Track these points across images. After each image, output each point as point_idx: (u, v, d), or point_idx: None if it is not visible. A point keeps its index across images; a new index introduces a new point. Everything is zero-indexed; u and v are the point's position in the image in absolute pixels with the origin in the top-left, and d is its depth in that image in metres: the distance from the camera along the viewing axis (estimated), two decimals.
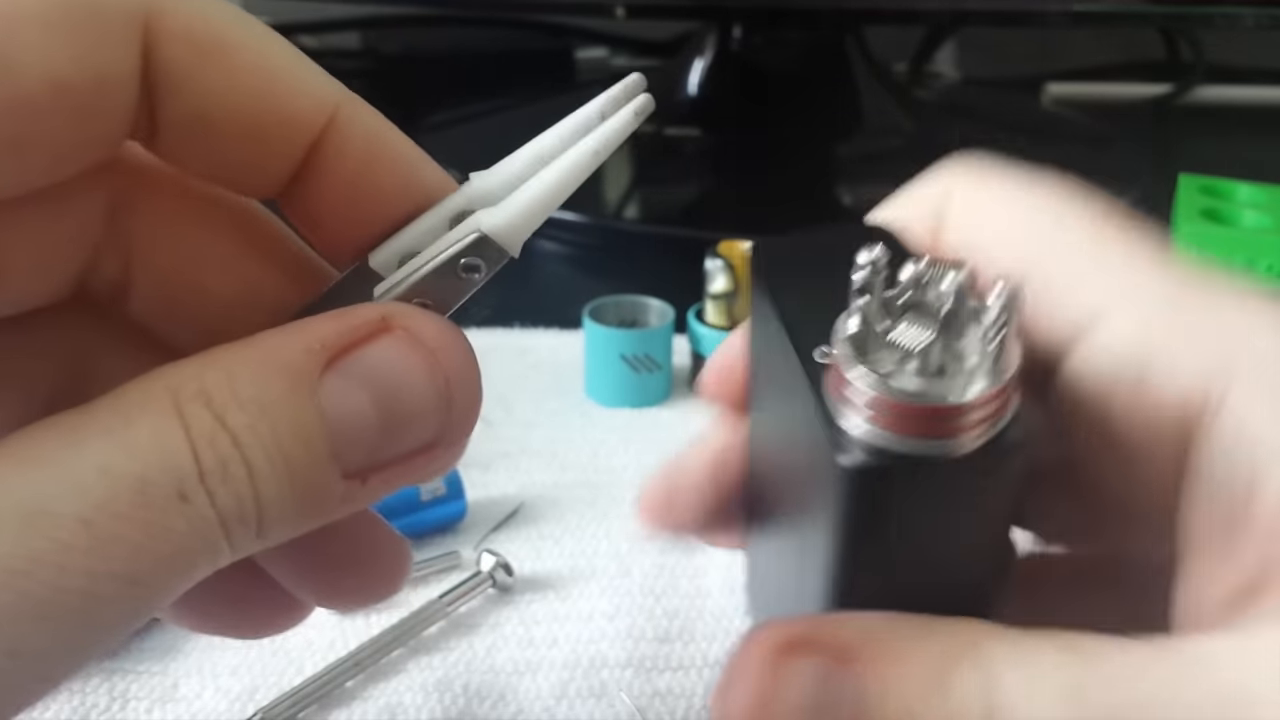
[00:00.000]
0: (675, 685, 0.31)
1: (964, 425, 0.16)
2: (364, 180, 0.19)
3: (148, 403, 0.16)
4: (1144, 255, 0.19)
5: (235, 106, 0.18)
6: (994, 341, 0.16)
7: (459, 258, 0.19)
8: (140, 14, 0.17)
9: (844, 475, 0.17)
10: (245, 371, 0.17)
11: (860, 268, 0.17)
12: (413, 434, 0.18)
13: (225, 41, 0.18)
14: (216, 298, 0.20)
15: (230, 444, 0.16)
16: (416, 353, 0.18)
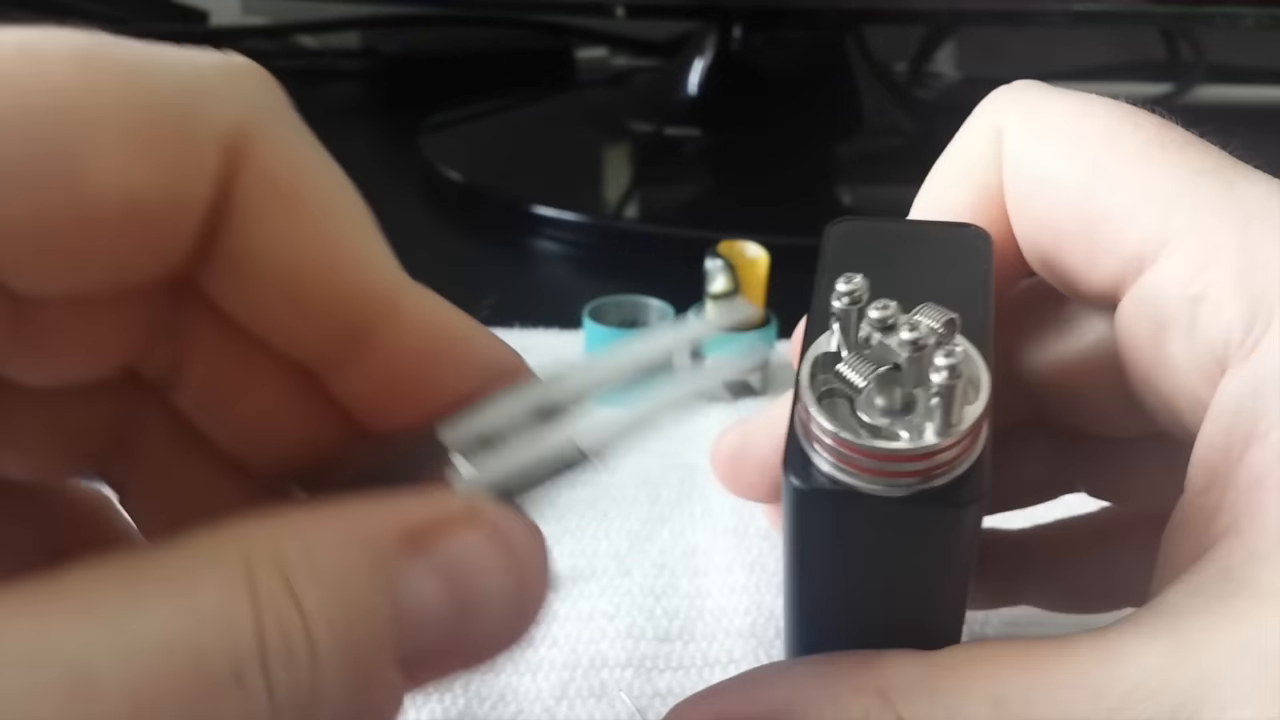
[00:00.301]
0: (675, 685, 0.31)
1: (896, 471, 0.17)
2: (421, 366, 0.18)
3: (218, 562, 0.14)
4: (1204, 179, 0.19)
5: (290, 264, 0.17)
6: (936, 400, 0.16)
7: (550, 465, 0.18)
8: (231, 137, 0.16)
9: (786, 492, 0.18)
10: (326, 542, 0.15)
11: (840, 295, 0.17)
12: (479, 636, 0.17)
13: (302, 193, 0.17)
14: (258, 418, 0.19)
15: (299, 622, 0.14)
16: (502, 554, 0.17)
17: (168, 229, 0.16)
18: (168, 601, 0.14)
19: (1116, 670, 0.16)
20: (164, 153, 0.15)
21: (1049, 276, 0.21)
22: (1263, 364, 0.17)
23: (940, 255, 0.20)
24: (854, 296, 0.17)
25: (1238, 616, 0.16)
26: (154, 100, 0.15)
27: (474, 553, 0.16)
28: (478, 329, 0.19)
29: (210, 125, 0.15)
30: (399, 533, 0.16)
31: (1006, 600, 0.28)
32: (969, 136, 0.22)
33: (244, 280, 0.17)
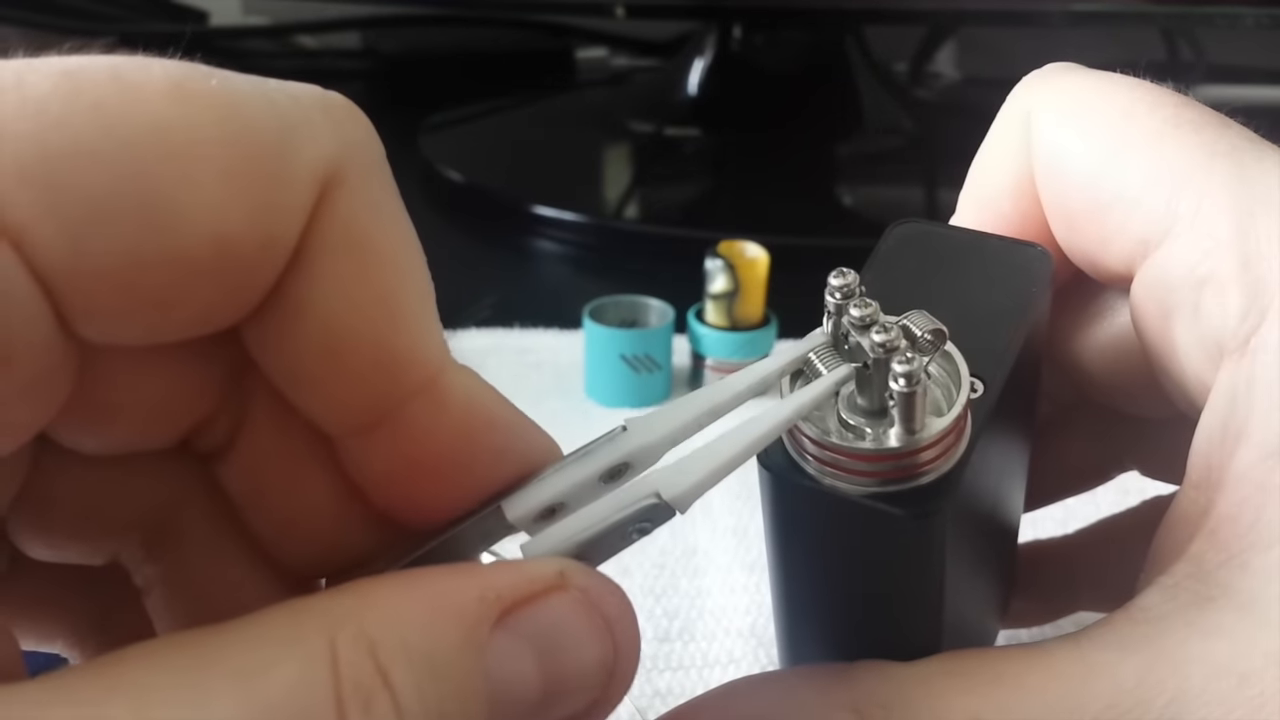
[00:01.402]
0: (675, 685, 0.31)
1: (857, 470, 0.17)
2: (457, 446, 0.17)
3: (296, 641, 0.13)
4: (1216, 162, 0.18)
5: (347, 320, 0.15)
6: (892, 406, 0.16)
7: (633, 521, 0.17)
8: (321, 178, 0.15)
9: (760, 479, 0.18)
10: (415, 617, 0.14)
11: (833, 290, 0.17)
12: (570, 703, 0.16)
13: (378, 245, 0.15)
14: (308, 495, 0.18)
15: (390, 707, 0.13)
16: (592, 620, 0.16)
17: (258, 271, 0.15)
18: (236, 689, 0.12)
19: (1091, 686, 0.16)
20: (260, 192, 0.14)
21: (1073, 257, 0.21)
22: (1255, 358, 0.17)
23: (993, 270, 0.20)
24: (845, 291, 0.17)
25: (1211, 630, 0.16)
26: (252, 136, 0.14)
27: (565, 621, 0.16)
28: (520, 416, 0.18)
29: (306, 164, 0.15)
30: (488, 604, 0.15)
31: (1062, 611, 0.28)
32: (1003, 122, 0.22)
33: (294, 329, 0.15)
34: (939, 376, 0.18)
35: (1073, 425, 0.26)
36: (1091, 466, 0.27)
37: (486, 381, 0.17)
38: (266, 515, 0.18)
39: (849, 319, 0.17)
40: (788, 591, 0.20)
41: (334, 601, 0.14)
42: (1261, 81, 0.89)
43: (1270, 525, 0.16)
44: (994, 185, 0.22)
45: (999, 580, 0.25)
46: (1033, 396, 0.22)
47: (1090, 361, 0.22)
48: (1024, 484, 0.24)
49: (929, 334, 0.17)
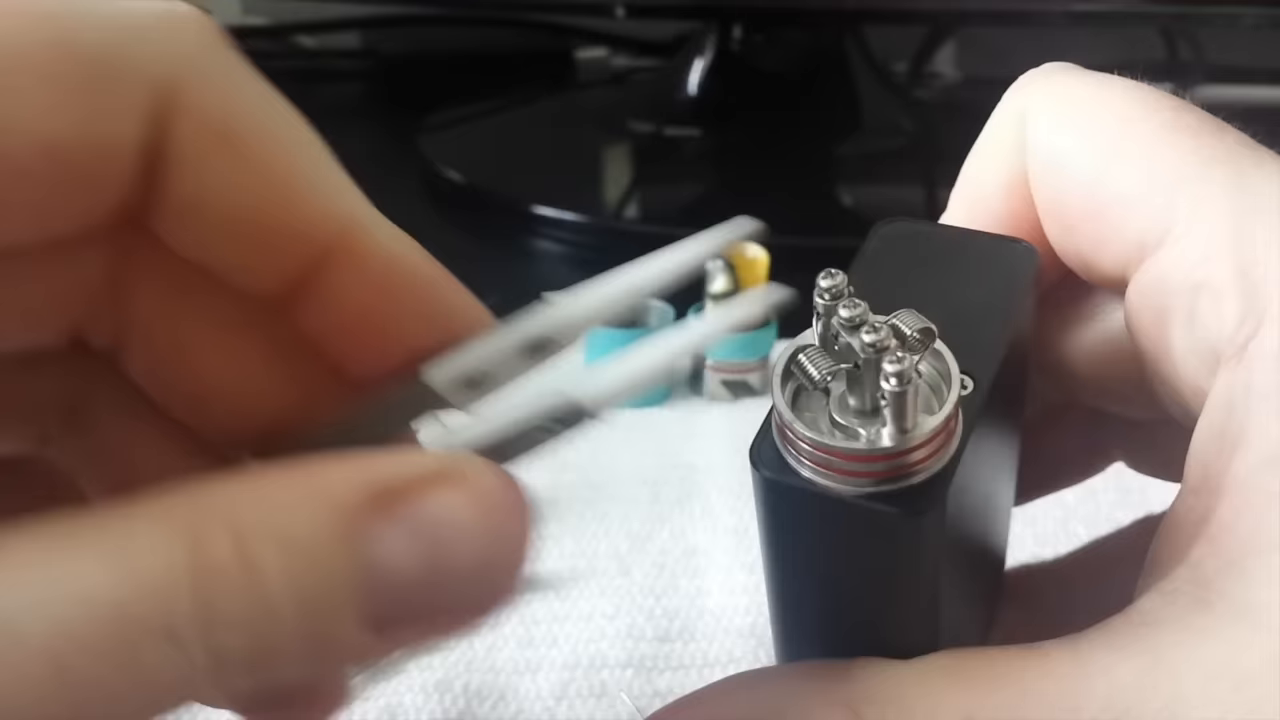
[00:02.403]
0: (675, 685, 0.31)
1: (849, 470, 0.17)
2: (379, 303, 0.18)
3: (160, 518, 0.14)
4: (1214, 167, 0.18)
5: (235, 203, 0.17)
6: (884, 405, 0.16)
7: (544, 419, 0.17)
8: (161, 84, 0.16)
9: (753, 478, 0.18)
10: (283, 498, 0.15)
11: (821, 291, 0.17)
12: (454, 596, 0.16)
13: (242, 132, 0.17)
14: (211, 380, 0.19)
15: (248, 581, 0.14)
16: (477, 512, 0.16)
17: (94, 176, 0.15)
18: (98, 559, 0.13)
19: (1088, 686, 0.16)
20: (90, 99, 0.15)
21: (1067, 260, 0.21)
22: (1252, 364, 0.17)
23: (980, 267, 0.20)
24: (834, 292, 0.17)
25: (1209, 634, 0.16)
26: (79, 48, 0.15)
27: (448, 512, 0.16)
28: (438, 270, 0.18)
29: (138, 71, 0.15)
30: (368, 492, 0.15)
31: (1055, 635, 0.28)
32: (998, 121, 0.22)
33: (189, 223, 0.17)
34: (929, 374, 0.18)
35: (1061, 422, 0.26)
36: (1079, 461, 0.27)
37: (415, 244, 0.18)
38: (176, 399, 0.19)
39: (838, 320, 0.17)
40: (782, 591, 0.20)
41: (209, 487, 0.15)
42: (1261, 81, 0.89)
43: (1269, 531, 0.16)
44: (987, 184, 0.22)
45: (992, 576, 0.25)
46: (1021, 391, 0.22)
47: (1080, 363, 0.22)
48: (1014, 479, 0.24)
49: (918, 332, 0.17)
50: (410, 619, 0.16)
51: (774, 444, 0.18)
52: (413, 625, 0.16)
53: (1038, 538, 0.37)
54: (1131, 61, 0.23)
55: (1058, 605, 0.27)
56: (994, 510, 0.23)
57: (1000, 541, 0.25)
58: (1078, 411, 0.25)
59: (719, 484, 0.40)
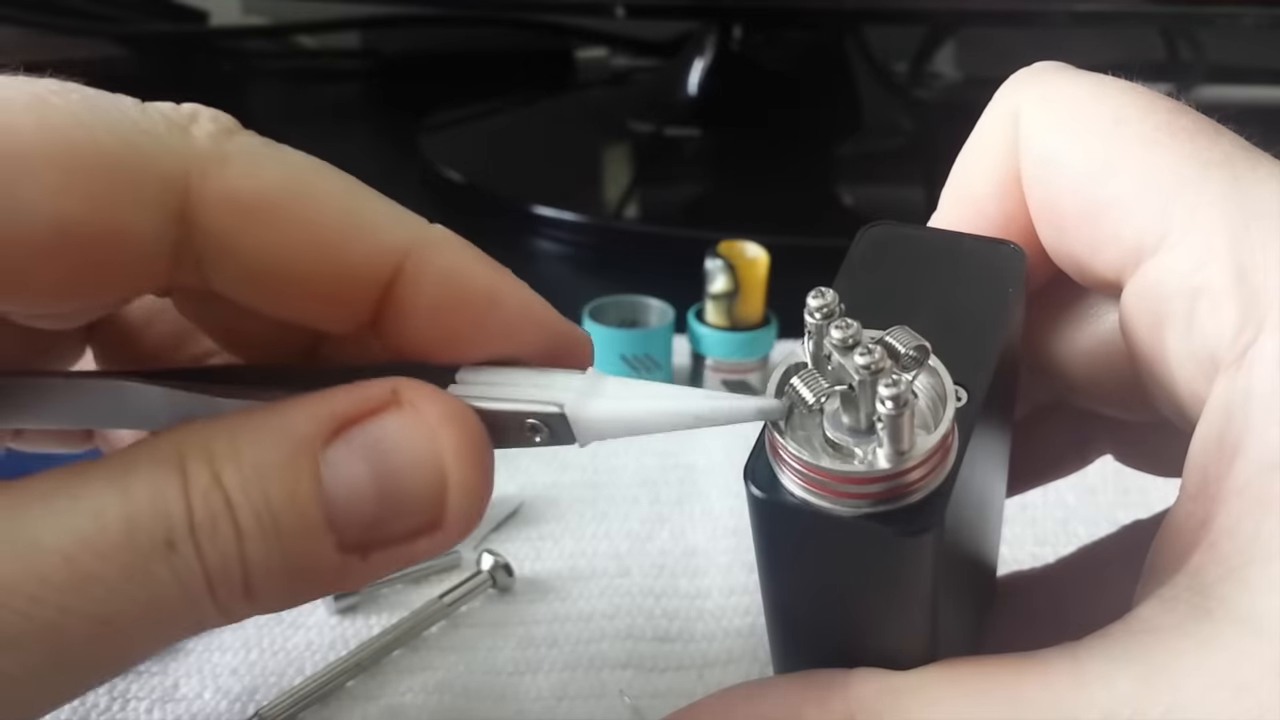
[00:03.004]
0: (675, 685, 0.31)
1: (846, 492, 0.16)
2: (442, 321, 0.19)
3: (153, 455, 0.17)
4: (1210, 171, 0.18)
5: (289, 265, 0.18)
6: (880, 427, 0.16)
7: (528, 416, 0.19)
8: (177, 177, 0.17)
9: (748, 499, 0.18)
10: (250, 434, 0.17)
11: (811, 311, 0.17)
12: (411, 511, 0.18)
13: (275, 200, 0.18)
14: None
15: (223, 502, 0.16)
16: (417, 429, 0.18)
17: (111, 258, 0.17)
18: (102, 487, 0.16)
19: (1087, 695, 0.16)
20: (101, 186, 0.17)
21: (1060, 262, 0.21)
22: (1252, 371, 0.17)
23: (968, 270, 0.20)
24: (825, 311, 0.17)
25: (1208, 642, 0.16)
26: (92, 143, 0.17)
27: (394, 433, 0.18)
28: (497, 276, 0.20)
29: (150, 165, 0.17)
30: (321, 420, 0.17)
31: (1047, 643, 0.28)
32: (989, 121, 0.21)
33: (251, 292, 0.19)
34: (923, 389, 0.17)
35: (1050, 418, 0.26)
36: (1068, 455, 0.27)
37: (479, 255, 0.20)
38: None
39: (830, 340, 0.16)
40: (778, 605, 0.20)
41: (190, 428, 0.17)
42: (1261, 81, 0.89)
43: (1269, 539, 0.16)
44: (979, 185, 0.21)
45: (985, 581, 0.25)
46: (1012, 395, 0.22)
47: (1071, 365, 0.22)
48: (1005, 480, 0.24)
49: (912, 351, 0.16)
50: (381, 538, 0.18)
51: (768, 463, 0.17)
52: (386, 545, 0.18)
53: (1038, 538, 0.37)
54: (1131, 61, 0.22)
55: (1049, 610, 0.27)
56: (987, 516, 0.23)
57: (992, 545, 0.25)
58: (1067, 409, 0.25)
59: (719, 484, 0.40)
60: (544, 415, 0.18)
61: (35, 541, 0.15)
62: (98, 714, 0.29)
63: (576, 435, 0.19)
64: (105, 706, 0.29)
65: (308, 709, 0.29)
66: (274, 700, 0.29)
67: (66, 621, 0.15)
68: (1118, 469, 0.26)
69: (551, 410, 0.18)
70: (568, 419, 0.18)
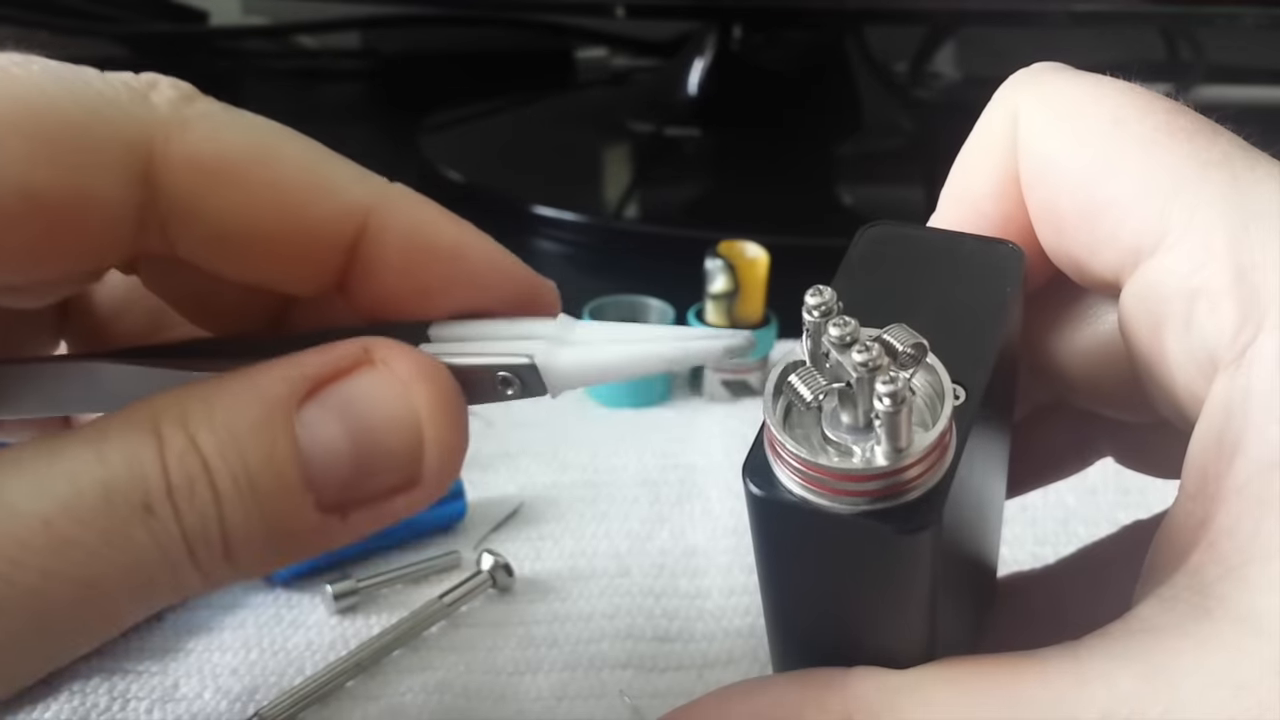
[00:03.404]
0: (675, 685, 0.31)
1: (843, 490, 0.16)
2: (408, 277, 0.19)
3: (129, 421, 0.17)
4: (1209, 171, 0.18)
5: (252, 226, 0.18)
6: (878, 424, 0.16)
7: (499, 369, 0.19)
8: (140, 142, 0.18)
9: (746, 497, 0.18)
10: (224, 399, 0.17)
11: (809, 309, 0.17)
12: (387, 469, 0.18)
13: (237, 162, 0.18)
14: None
15: (199, 465, 0.17)
16: (391, 387, 0.18)
17: (77, 223, 0.17)
18: (79, 453, 0.16)
19: (1087, 694, 0.16)
20: (66, 153, 0.17)
21: (1059, 262, 0.21)
22: (1251, 370, 0.17)
23: (967, 270, 0.20)
24: (823, 309, 0.17)
25: (1208, 641, 0.16)
26: (55, 112, 0.17)
27: (366, 389, 0.18)
28: (460, 230, 0.20)
29: (113, 132, 0.17)
30: (294, 382, 0.18)
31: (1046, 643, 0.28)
32: (988, 121, 0.21)
33: (217, 253, 0.19)
34: (921, 387, 0.17)
35: (1050, 420, 0.26)
36: (1068, 457, 0.27)
37: (442, 211, 0.20)
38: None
39: (828, 338, 0.16)
40: (777, 603, 0.20)
41: (166, 394, 0.17)
42: (1261, 81, 0.89)
43: (1269, 538, 0.16)
44: (977, 186, 0.21)
45: (985, 580, 0.25)
46: (1011, 394, 0.22)
47: (1070, 366, 0.22)
48: (1004, 480, 0.24)
49: (910, 348, 0.16)
50: (359, 497, 0.18)
51: (766, 460, 0.17)
52: (365, 504, 0.18)
53: (1038, 538, 0.37)
54: (1131, 61, 0.22)
55: (1049, 611, 0.27)
56: (986, 515, 0.23)
57: (992, 543, 0.25)
58: (1067, 410, 0.25)
59: (719, 484, 0.40)
60: (514, 367, 0.19)
61: (13, 507, 0.16)
62: (98, 714, 0.29)
63: (548, 385, 0.19)
64: (105, 706, 0.29)
65: (308, 709, 0.29)
66: (274, 700, 0.29)
67: (48, 586, 0.15)
68: (1118, 469, 0.26)
69: (521, 361, 0.18)
70: (538, 369, 0.18)
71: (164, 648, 0.31)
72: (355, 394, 0.18)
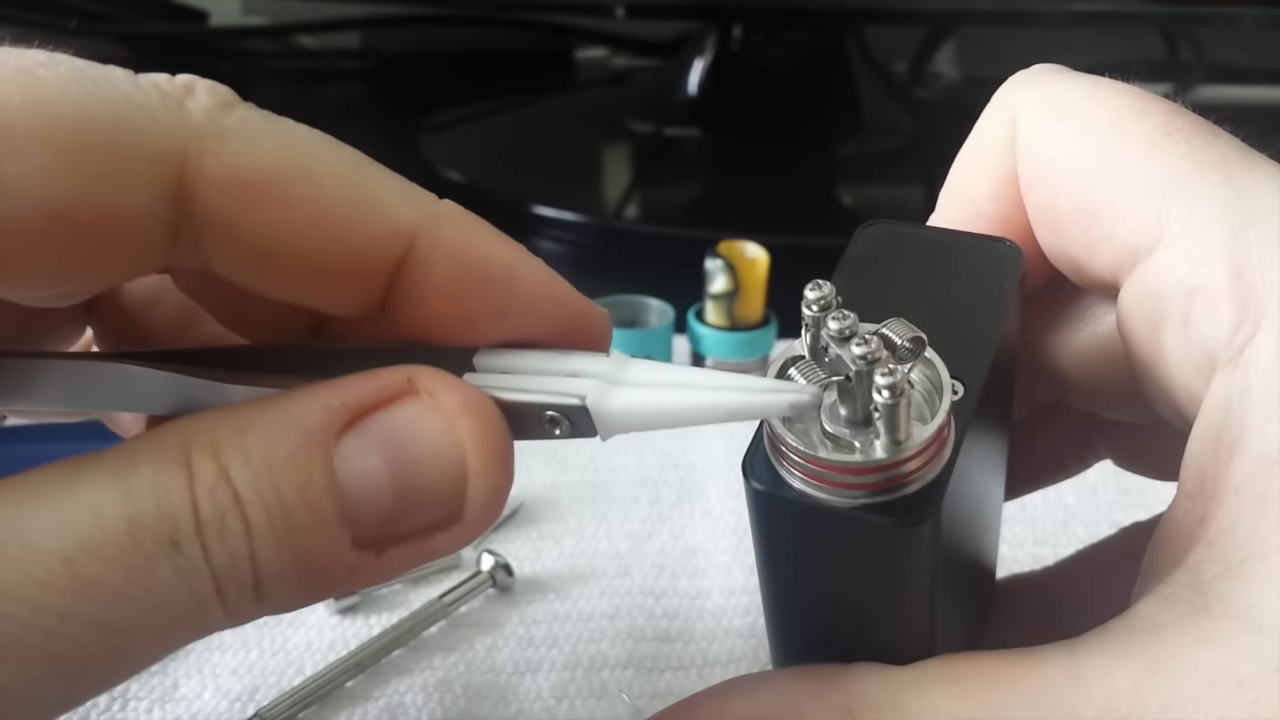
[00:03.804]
0: (675, 685, 0.31)
1: (843, 483, 0.16)
2: (456, 302, 0.18)
3: (157, 450, 0.16)
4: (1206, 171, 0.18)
5: (293, 246, 0.17)
6: (876, 417, 0.16)
7: (547, 408, 0.18)
8: (173, 154, 0.16)
9: (746, 492, 0.18)
10: (259, 426, 0.16)
11: (809, 303, 0.17)
12: (429, 505, 0.17)
13: (277, 178, 0.17)
14: None
15: (231, 498, 0.16)
16: (440, 420, 0.17)
17: (103, 238, 0.16)
18: (103, 485, 0.15)
19: (1086, 690, 0.16)
20: (93, 167, 0.16)
21: (1057, 263, 0.21)
22: (1249, 369, 0.17)
23: (965, 268, 0.20)
24: (822, 303, 0.17)
25: (1207, 638, 0.16)
26: (81, 121, 0.16)
27: (410, 420, 0.17)
28: (510, 251, 0.19)
29: (142, 143, 0.16)
30: (334, 411, 0.17)
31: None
32: (987, 122, 0.22)
33: (257, 273, 0.18)
34: (920, 381, 0.18)
35: (1049, 421, 0.26)
36: (1067, 459, 0.27)
37: (493, 232, 0.19)
38: None
39: (827, 331, 0.16)
40: (777, 599, 0.20)
41: (196, 419, 0.16)
42: (1261, 81, 0.89)
43: (1268, 536, 0.16)
44: (976, 186, 0.21)
45: (984, 580, 0.25)
46: (1009, 391, 0.22)
47: (1069, 366, 0.22)
48: (1003, 478, 0.24)
49: (909, 342, 0.17)
50: (397, 534, 0.17)
51: (766, 456, 0.17)
52: (402, 541, 0.17)
53: (1038, 538, 0.37)
54: (1130, 62, 0.22)
55: (1049, 613, 0.27)
56: (986, 513, 0.23)
57: (991, 543, 0.25)
58: (1066, 411, 0.25)
59: (719, 484, 0.40)
60: (564, 407, 0.18)
61: (32, 544, 0.14)
62: (98, 714, 0.29)
63: (599, 428, 0.18)
64: (105, 706, 0.29)
65: (308, 709, 0.29)
66: (274, 700, 0.29)
67: (67, 629, 0.14)
68: (1118, 470, 0.26)
69: (572, 403, 0.17)
70: (589, 412, 0.17)
71: None
72: (398, 426, 0.17)
